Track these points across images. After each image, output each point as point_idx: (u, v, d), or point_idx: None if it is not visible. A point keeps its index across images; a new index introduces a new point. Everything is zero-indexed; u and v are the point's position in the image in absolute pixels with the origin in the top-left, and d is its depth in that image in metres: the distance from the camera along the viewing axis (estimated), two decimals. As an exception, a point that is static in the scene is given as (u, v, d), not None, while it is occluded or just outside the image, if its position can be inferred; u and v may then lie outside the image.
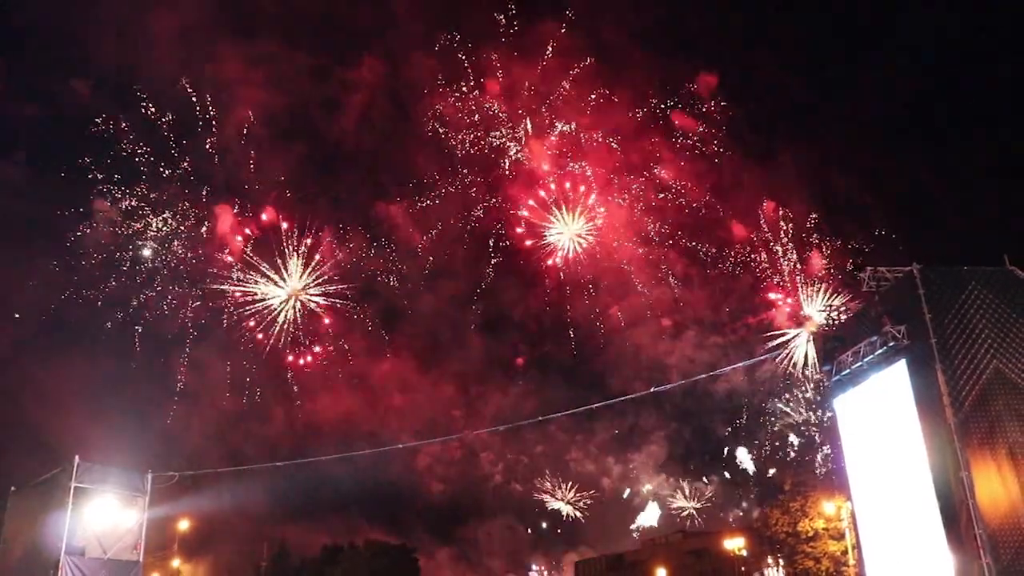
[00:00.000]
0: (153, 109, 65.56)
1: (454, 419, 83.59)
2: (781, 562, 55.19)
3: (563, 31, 69.86)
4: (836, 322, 33.62)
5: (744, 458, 78.16)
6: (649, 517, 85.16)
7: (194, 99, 66.33)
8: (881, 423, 28.34)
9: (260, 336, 68.58)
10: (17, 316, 65.16)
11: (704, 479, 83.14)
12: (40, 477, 31.52)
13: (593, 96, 70.82)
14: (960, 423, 23.69)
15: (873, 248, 66.83)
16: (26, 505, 29.95)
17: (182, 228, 67.24)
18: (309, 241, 68.04)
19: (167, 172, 66.70)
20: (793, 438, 65.66)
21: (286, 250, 67.52)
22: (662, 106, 72.36)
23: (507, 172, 72.34)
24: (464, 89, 70.95)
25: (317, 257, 68.52)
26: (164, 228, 66.82)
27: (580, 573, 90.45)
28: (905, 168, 75.75)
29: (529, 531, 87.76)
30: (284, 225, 68.08)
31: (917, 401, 25.69)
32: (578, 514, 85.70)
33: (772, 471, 70.69)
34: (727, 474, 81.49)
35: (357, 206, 75.04)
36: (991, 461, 23.54)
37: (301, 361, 71.74)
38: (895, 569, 27.44)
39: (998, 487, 23.20)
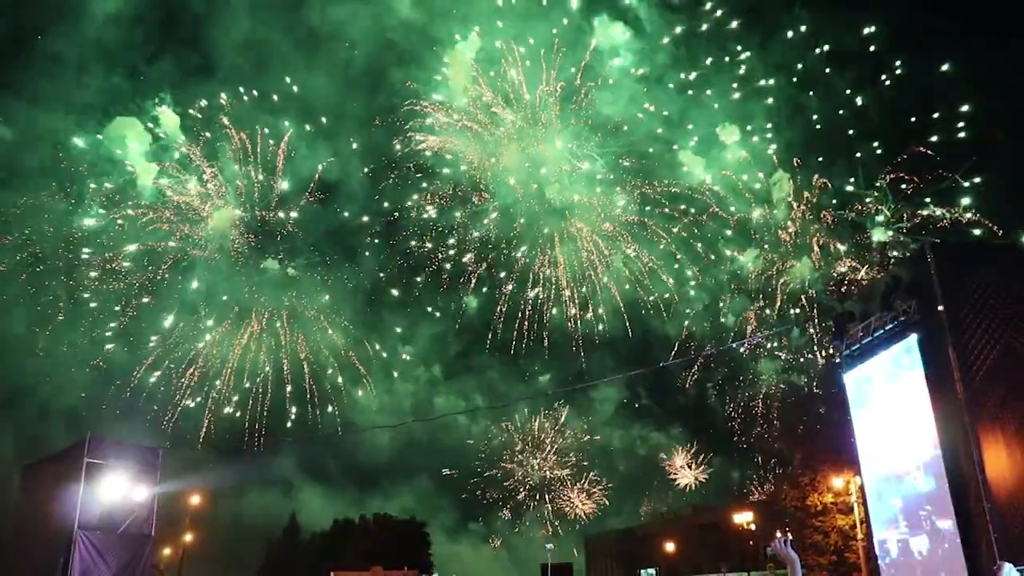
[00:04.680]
0: None
1: (404, 360, 79.38)
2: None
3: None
4: (843, 292, 33.65)
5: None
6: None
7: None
8: (891, 398, 28.34)
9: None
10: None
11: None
12: (52, 451, 31.77)
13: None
14: (970, 398, 23.59)
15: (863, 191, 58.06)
16: (39, 479, 30.17)
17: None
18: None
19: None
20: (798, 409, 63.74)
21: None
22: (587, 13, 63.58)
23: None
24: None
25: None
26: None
27: (591, 545, 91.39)
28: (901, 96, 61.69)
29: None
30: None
31: (927, 376, 25.59)
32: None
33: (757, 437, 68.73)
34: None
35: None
36: (1000, 436, 23.48)
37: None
38: (903, 544, 27.51)
39: (1007, 462, 23.17)
